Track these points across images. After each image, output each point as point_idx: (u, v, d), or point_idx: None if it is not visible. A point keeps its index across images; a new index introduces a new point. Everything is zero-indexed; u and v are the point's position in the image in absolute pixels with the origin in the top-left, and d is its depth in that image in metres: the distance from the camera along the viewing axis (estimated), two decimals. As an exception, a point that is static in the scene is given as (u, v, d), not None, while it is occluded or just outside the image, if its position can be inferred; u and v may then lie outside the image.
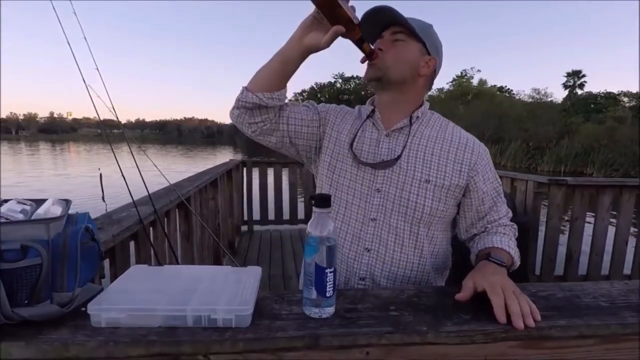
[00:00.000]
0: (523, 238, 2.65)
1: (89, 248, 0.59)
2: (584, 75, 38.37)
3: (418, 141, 0.87)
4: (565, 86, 39.05)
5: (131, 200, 1.26)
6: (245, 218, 4.50)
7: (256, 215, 4.49)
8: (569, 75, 38.91)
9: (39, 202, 0.69)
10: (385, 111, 0.90)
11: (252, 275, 0.64)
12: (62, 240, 0.55)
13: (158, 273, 0.65)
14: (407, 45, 0.84)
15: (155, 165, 1.51)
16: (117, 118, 1.30)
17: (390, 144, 0.88)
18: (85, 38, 1.24)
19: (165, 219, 1.62)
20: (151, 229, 1.41)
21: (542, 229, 2.87)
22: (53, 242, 0.53)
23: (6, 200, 0.67)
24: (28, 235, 0.51)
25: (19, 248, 0.49)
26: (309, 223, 0.57)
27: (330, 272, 0.56)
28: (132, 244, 1.27)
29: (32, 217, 0.56)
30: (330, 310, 0.58)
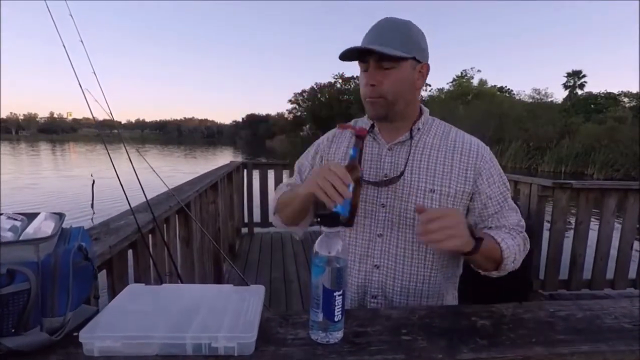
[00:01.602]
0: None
1: (82, 268, 0.56)
2: (584, 76, 38.34)
3: (421, 151, 0.85)
4: (565, 86, 39.01)
5: (129, 207, 1.24)
6: (246, 220, 4.46)
7: (257, 218, 4.46)
8: (569, 75, 38.87)
9: (31, 217, 0.66)
10: (388, 126, 0.87)
11: (255, 295, 0.60)
12: (53, 261, 0.51)
13: (156, 293, 0.61)
14: (399, 70, 0.78)
15: (155, 171, 1.48)
16: (116, 121, 1.26)
17: (393, 158, 0.86)
18: (82, 41, 1.20)
19: (165, 225, 1.59)
20: (150, 236, 1.37)
21: (546, 232, 2.84)
22: (43, 264, 0.50)
23: (-5, 215, 0.63)
24: (16, 257, 0.48)
25: (4, 273, 0.45)
26: (316, 242, 0.54)
27: (339, 295, 0.53)
28: (130, 252, 1.23)
29: (22, 237, 0.53)
30: (339, 335, 0.54)
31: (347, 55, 0.79)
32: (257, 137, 74.34)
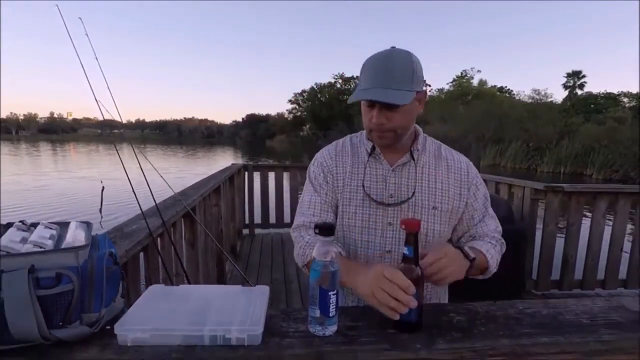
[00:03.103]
0: (520, 243, 2.72)
1: (113, 271, 0.65)
2: (584, 76, 38.38)
3: (421, 171, 0.92)
4: (565, 86, 39.06)
5: (139, 212, 1.32)
6: (247, 222, 4.55)
7: (257, 219, 4.55)
8: (569, 75, 38.91)
9: (63, 225, 0.75)
10: (390, 149, 0.92)
11: (261, 294, 0.69)
12: (90, 265, 0.60)
13: (174, 293, 0.70)
14: (405, 107, 0.82)
15: (163, 177, 1.56)
16: (127, 122, 1.35)
17: (397, 179, 0.92)
18: (96, 59, 1.29)
19: (172, 228, 1.67)
20: (159, 239, 1.46)
21: (538, 234, 2.93)
22: (82, 268, 0.58)
23: (34, 224, 0.72)
24: (60, 263, 0.57)
25: (54, 276, 0.54)
26: (314, 250, 0.63)
27: (333, 294, 0.62)
28: (141, 254, 1.32)
29: (63, 245, 0.61)
30: (333, 328, 0.63)
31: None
32: (257, 137, 74.35)
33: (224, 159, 26.66)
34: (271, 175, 4.50)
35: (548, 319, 0.70)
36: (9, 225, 0.71)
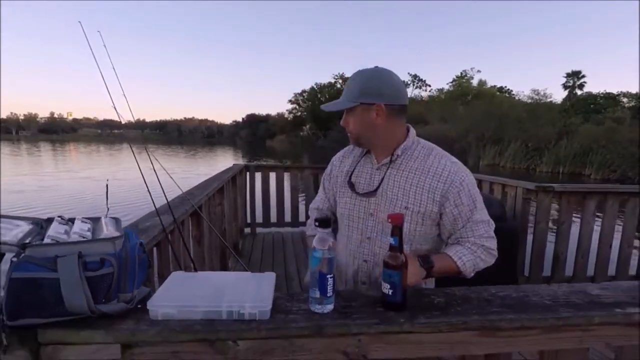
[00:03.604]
0: (512, 241, 2.83)
1: (142, 259, 0.76)
2: (583, 76, 38.46)
3: (401, 173, 1.03)
4: (565, 87, 39.14)
5: (152, 209, 1.43)
6: (249, 221, 4.66)
7: (259, 218, 4.66)
8: (568, 75, 39.00)
9: (95, 220, 0.86)
10: (374, 150, 1.08)
11: (268, 279, 0.80)
12: (124, 253, 0.71)
13: (194, 277, 0.81)
14: (354, 114, 1.02)
15: (172, 177, 1.67)
16: (142, 123, 1.46)
17: (380, 176, 1.06)
18: (114, 69, 1.40)
19: (181, 226, 1.78)
20: (169, 235, 1.57)
21: (530, 232, 3.04)
22: (118, 255, 0.69)
23: (71, 219, 0.84)
24: (101, 250, 0.68)
25: (98, 260, 0.65)
26: (314, 240, 0.74)
27: (330, 277, 0.73)
28: (154, 249, 1.43)
29: (102, 236, 0.73)
30: (331, 307, 0.74)
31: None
32: (257, 137, 74.40)
33: (225, 160, 26.77)
34: (272, 176, 4.61)
35: (516, 301, 0.81)
36: (50, 220, 0.82)
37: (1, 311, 0.61)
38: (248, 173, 4.63)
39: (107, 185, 1.35)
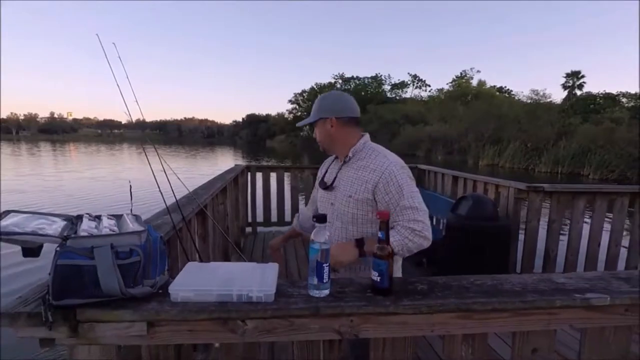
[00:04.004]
0: (505, 238, 2.95)
1: (162, 250, 0.87)
2: (583, 76, 38.54)
3: (350, 170, 1.29)
4: (564, 87, 39.23)
5: (159, 208, 1.54)
6: (250, 220, 4.77)
7: (259, 217, 4.77)
8: (568, 76, 39.09)
9: (118, 217, 0.97)
10: (338, 154, 1.38)
11: (272, 268, 0.91)
12: (148, 245, 0.82)
13: (207, 267, 0.93)
14: (317, 128, 1.33)
15: (183, 183, 1.78)
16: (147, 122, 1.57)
17: (338, 174, 1.34)
18: (127, 77, 1.51)
19: (188, 224, 1.90)
20: (178, 232, 1.68)
21: (522, 230, 3.15)
22: (143, 247, 0.81)
23: (98, 216, 0.95)
24: (129, 242, 0.79)
25: (128, 250, 0.76)
26: (312, 233, 0.85)
27: (326, 266, 0.84)
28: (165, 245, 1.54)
29: (129, 230, 0.84)
30: (326, 291, 0.85)
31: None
32: (257, 137, 74.47)
33: (226, 160, 26.86)
34: (273, 176, 4.72)
35: (490, 288, 0.92)
36: (79, 216, 0.93)
37: (48, 292, 0.72)
38: (249, 173, 4.74)
39: (130, 187, 1.47)
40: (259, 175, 4.75)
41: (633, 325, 0.95)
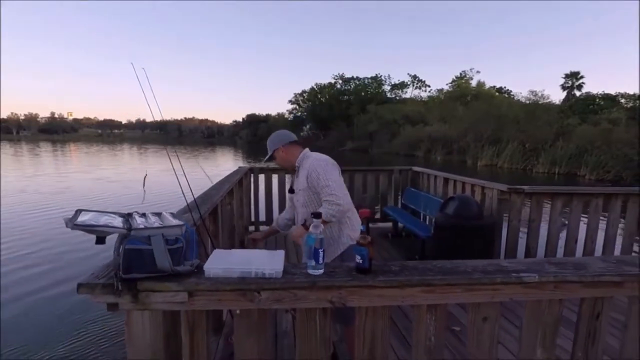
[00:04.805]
0: (489, 236, 3.21)
1: (196, 240, 1.14)
2: (582, 77, 38.79)
3: (299, 174, 1.92)
4: (563, 87, 39.46)
5: (179, 206, 1.81)
6: (253, 219, 5.04)
7: (262, 217, 5.04)
8: (567, 76, 39.31)
9: (158, 214, 1.24)
10: (292, 167, 1.98)
11: (280, 254, 1.19)
12: (187, 235, 1.09)
13: (229, 253, 1.20)
14: (275, 157, 1.98)
15: (189, 184, 2.05)
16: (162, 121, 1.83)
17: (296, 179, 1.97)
18: (151, 90, 1.77)
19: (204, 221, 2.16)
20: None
21: (505, 228, 3.42)
22: (184, 236, 1.08)
23: (144, 214, 1.22)
24: (174, 232, 1.06)
25: (174, 238, 1.03)
26: (310, 227, 1.12)
27: (322, 251, 1.11)
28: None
29: (172, 224, 1.10)
30: (321, 271, 1.12)
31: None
32: (257, 137, 74.64)
33: (228, 160, 27.15)
34: (275, 178, 4.99)
35: (449, 270, 1.19)
36: (130, 214, 1.20)
37: (119, 268, 0.99)
38: (252, 175, 5.00)
39: (144, 186, 1.73)
40: (261, 177, 5.02)
41: (562, 299, 1.22)
